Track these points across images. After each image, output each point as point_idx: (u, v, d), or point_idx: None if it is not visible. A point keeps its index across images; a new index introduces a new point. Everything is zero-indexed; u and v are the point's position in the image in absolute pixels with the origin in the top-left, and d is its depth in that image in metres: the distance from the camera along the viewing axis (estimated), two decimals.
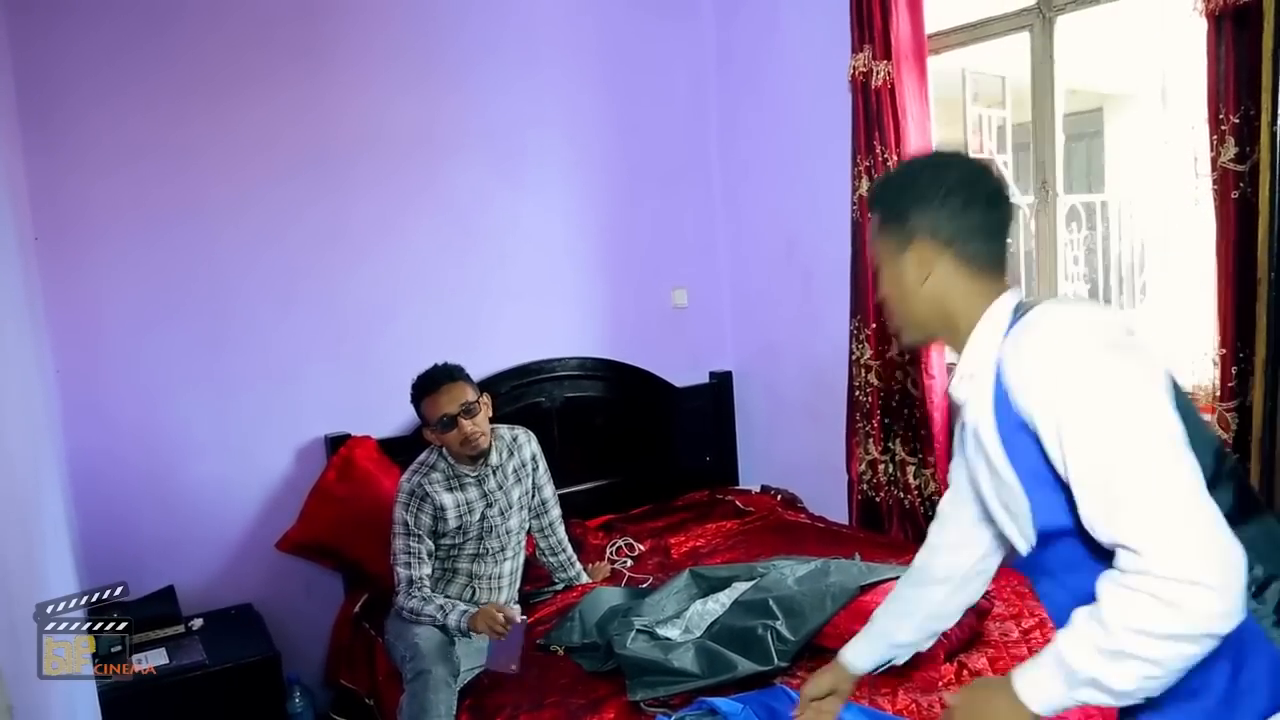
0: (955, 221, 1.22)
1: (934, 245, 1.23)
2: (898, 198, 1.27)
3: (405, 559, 2.49)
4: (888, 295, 1.32)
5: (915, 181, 1.26)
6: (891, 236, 1.27)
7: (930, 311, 1.26)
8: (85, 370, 2.73)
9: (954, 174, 1.24)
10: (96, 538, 2.71)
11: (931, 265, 1.23)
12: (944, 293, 1.24)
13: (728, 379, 3.91)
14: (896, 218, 1.26)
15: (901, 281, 1.27)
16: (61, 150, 2.67)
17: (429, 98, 3.23)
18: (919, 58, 2.98)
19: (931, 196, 1.22)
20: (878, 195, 1.33)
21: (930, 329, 1.29)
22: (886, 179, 1.35)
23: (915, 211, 1.23)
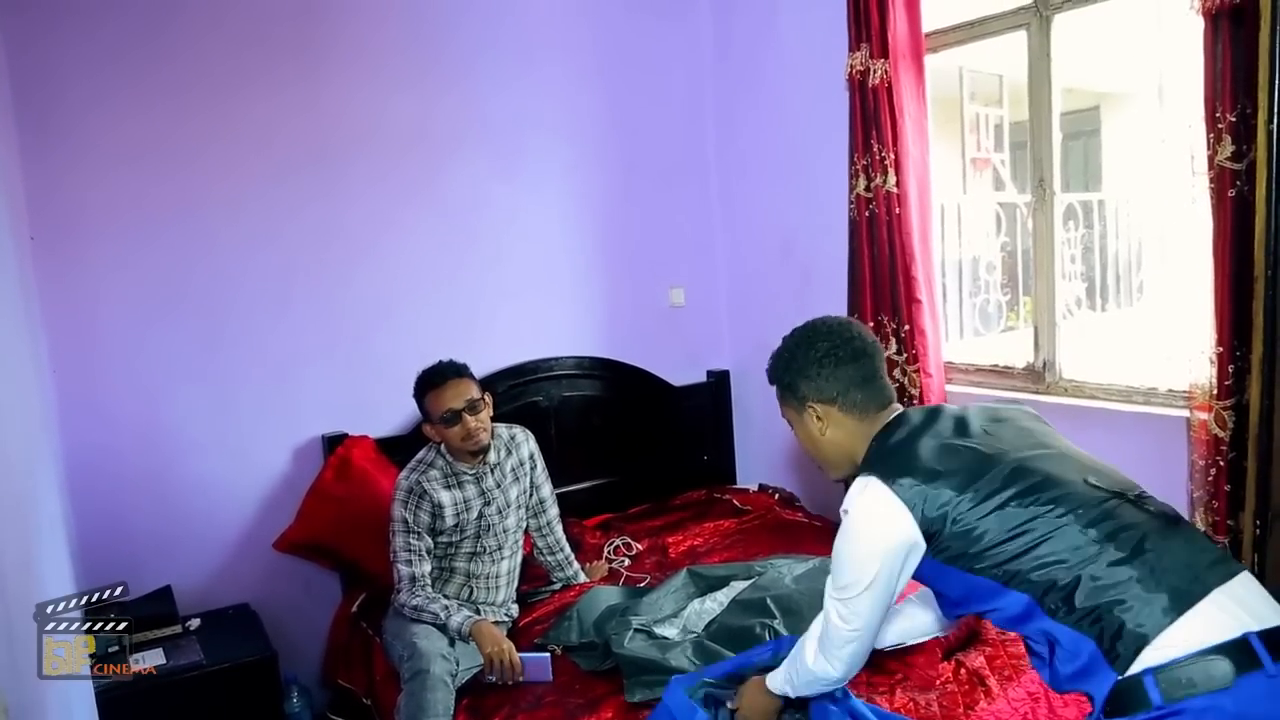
0: (833, 381, 1.56)
1: (822, 404, 1.57)
2: (784, 373, 1.62)
3: (406, 556, 2.49)
4: (805, 447, 1.66)
5: (794, 359, 1.60)
6: (791, 403, 1.62)
7: (837, 453, 1.60)
8: (82, 369, 2.73)
9: (823, 344, 1.58)
10: (93, 537, 2.71)
11: (827, 419, 1.58)
12: (841, 436, 1.58)
13: (725, 378, 3.91)
14: (789, 389, 1.62)
15: (810, 435, 1.61)
16: (58, 149, 2.66)
17: (426, 96, 3.23)
18: (916, 56, 2.98)
19: (809, 366, 1.58)
20: (771, 372, 1.67)
21: (843, 465, 1.60)
22: (774, 360, 1.66)
23: (802, 381, 1.58)
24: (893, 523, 1.41)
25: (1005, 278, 3.92)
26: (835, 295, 3.28)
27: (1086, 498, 1.36)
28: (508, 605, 2.68)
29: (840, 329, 1.60)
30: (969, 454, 1.43)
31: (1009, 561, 1.34)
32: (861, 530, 1.46)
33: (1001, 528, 1.35)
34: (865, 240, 3.10)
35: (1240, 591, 1.26)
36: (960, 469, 1.41)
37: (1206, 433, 2.27)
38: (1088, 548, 1.30)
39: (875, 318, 3.11)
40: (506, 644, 2.32)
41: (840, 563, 1.50)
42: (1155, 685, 1.20)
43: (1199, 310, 2.28)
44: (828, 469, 1.65)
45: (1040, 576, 1.32)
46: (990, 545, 1.36)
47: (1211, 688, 1.17)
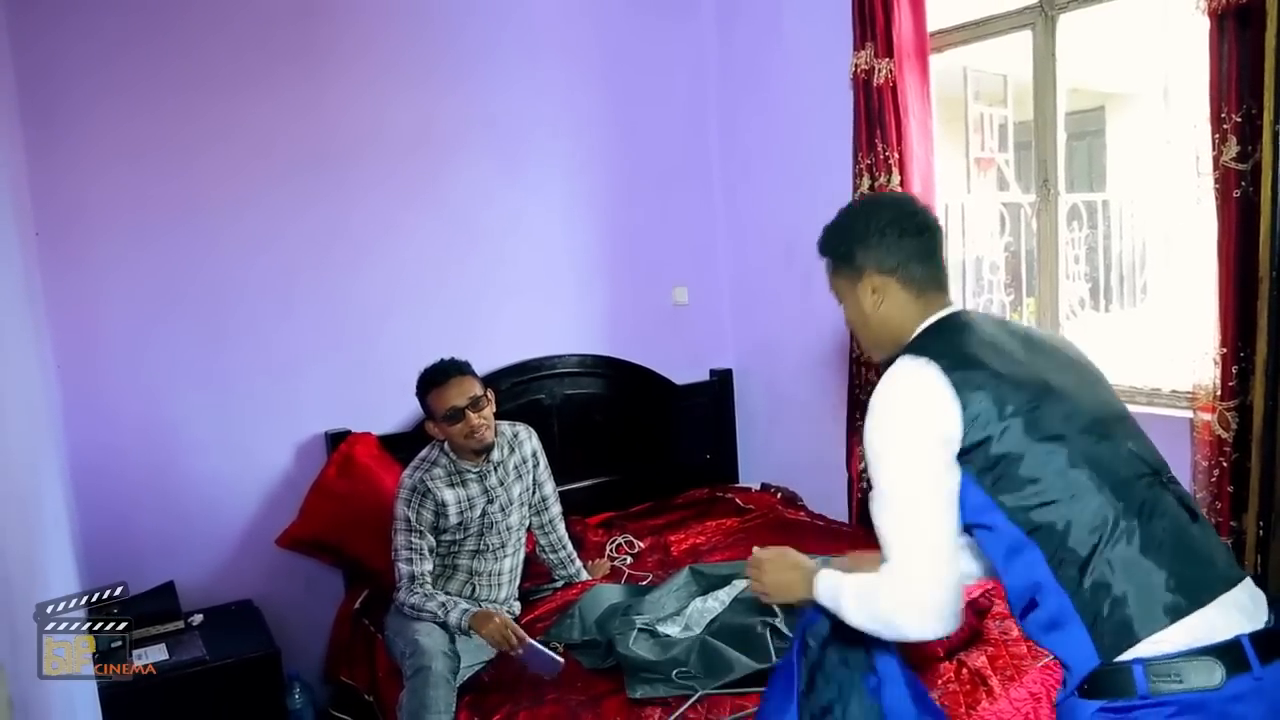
0: (895, 252, 1.46)
1: (881, 275, 1.46)
2: (841, 242, 1.51)
3: (407, 555, 2.49)
4: (852, 323, 1.56)
5: (854, 225, 1.50)
6: (845, 274, 1.51)
7: (886, 331, 1.49)
8: (86, 366, 2.73)
9: (886, 213, 1.48)
10: (97, 534, 2.71)
11: (882, 292, 1.47)
12: (894, 313, 1.47)
13: (728, 376, 3.91)
14: (845, 258, 1.50)
15: (861, 310, 1.50)
16: (63, 147, 2.67)
17: (429, 97, 3.23)
18: (921, 56, 2.98)
19: (871, 234, 1.47)
20: (825, 243, 1.55)
21: (889, 346, 1.49)
22: (830, 228, 1.55)
23: (861, 249, 1.48)
24: (935, 406, 1.30)
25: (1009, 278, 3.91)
26: None
27: (1127, 470, 1.30)
28: (510, 603, 2.68)
29: (905, 201, 1.53)
30: (1034, 380, 1.33)
31: (1036, 508, 1.26)
32: (898, 408, 1.34)
33: (1043, 469, 1.26)
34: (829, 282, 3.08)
35: (1243, 597, 1.25)
36: (1023, 387, 1.31)
37: (1210, 434, 2.27)
38: (1115, 524, 1.25)
39: None
40: (500, 618, 2.33)
41: (876, 458, 1.34)
42: (1144, 675, 1.19)
43: (1203, 311, 2.28)
44: (872, 348, 1.55)
45: (1059, 533, 1.25)
46: (1025, 482, 1.27)
47: (1199, 686, 1.17)
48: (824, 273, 1.61)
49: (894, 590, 1.30)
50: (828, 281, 1.57)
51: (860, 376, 3.21)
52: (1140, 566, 1.23)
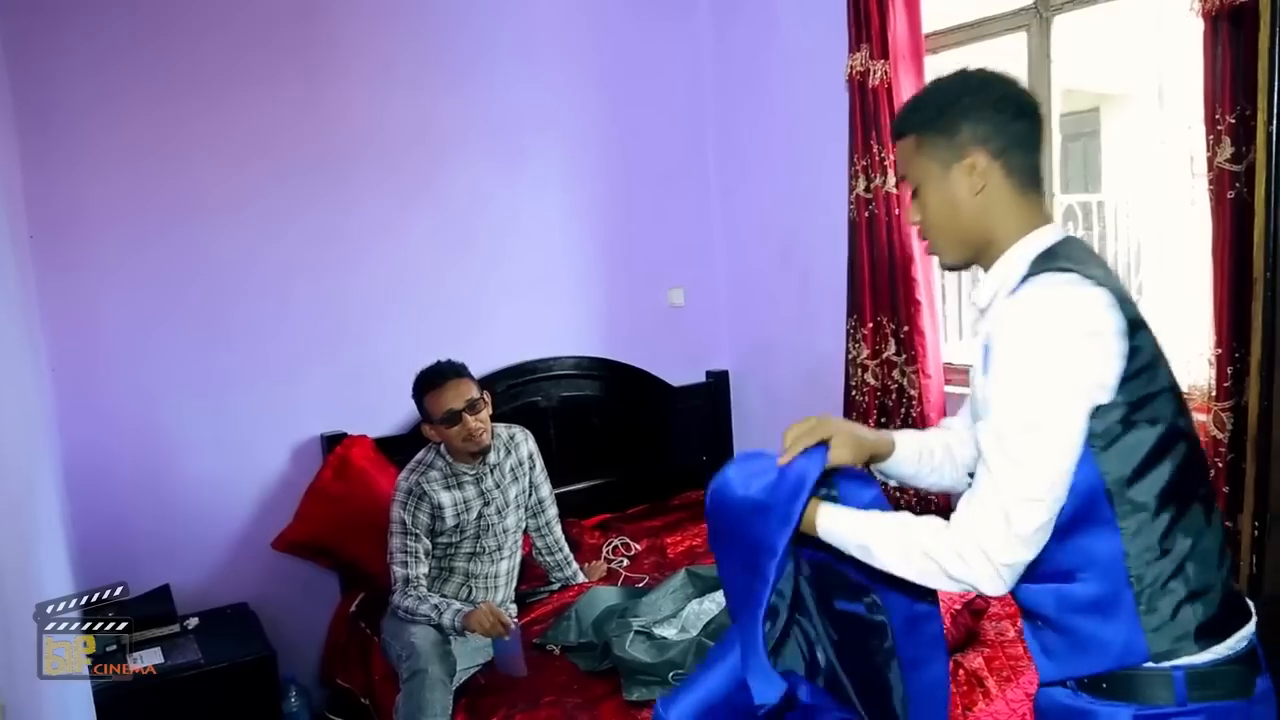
0: (1005, 132, 1.23)
1: (987, 155, 1.24)
2: (944, 112, 1.25)
3: (402, 558, 2.49)
4: (933, 215, 1.29)
5: (961, 96, 1.25)
6: (939, 151, 1.26)
7: (977, 227, 1.27)
8: (81, 369, 2.73)
9: (997, 87, 1.26)
10: (92, 536, 2.71)
11: (986, 176, 1.24)
12: (993, 205, 1.25)
13: (724, 378, 3.91)
14: (945, 131, 1.25)
15: (952, 197, 1.26)
16: (58, 149, 2.66)
17: (427, 98, 3.23)
18: (916, 57, 2.98)
19: (982, 108, 1.23)
20: (914, 115, 1.30)
21: (973, 248, 1.29)
22: (925, 98, 1.31)
23: (967, 123, 1.24)
24: (1104, 342, 1.11)
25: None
26: (835, 295, 3.28)
27: (1200, 461, 1.20)
28: (506, 605, 2.68)
29: (1013, 79, 1.29)
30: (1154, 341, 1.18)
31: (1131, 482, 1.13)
32: (1066, 331, 1.10)
33: (1145, 442, 1.13)
34: (865, 241, 3.10)
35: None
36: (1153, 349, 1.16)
37: (1205, 434, 2.27)
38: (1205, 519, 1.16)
39: (874, 319, 3.11)
40: (485, 604, 2.37)
41: (1020, 386, 1.12)
42: (1184, 683, 1.12)
43: (1198, 312, 2.28)
44: (950, 246, 1.30)
45: (1149, 520, 1.12)
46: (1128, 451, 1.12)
47: (1233, 695, 1.14)
48: (822, 270, 1.48)
49: (988, 533, 1.11)
50: (902, 166, 1.34)
51: (856, 378, 3.21)
52: (1212, 569, 1.15)
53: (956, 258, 1.32)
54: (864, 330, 3.15)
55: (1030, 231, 1.24)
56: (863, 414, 3.20)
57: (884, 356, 3.12)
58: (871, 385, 3.16)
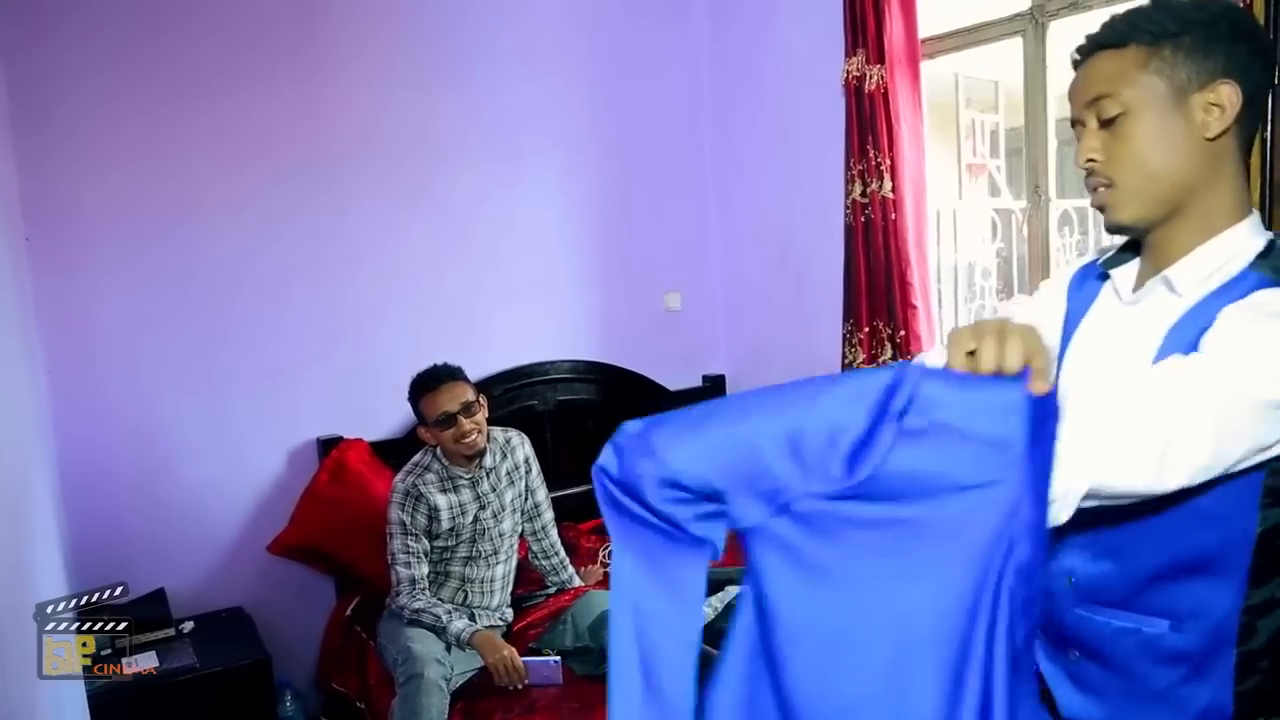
0: (1259, 80, 1.02)
1: (1237, 91, 1.00)
2: (1201, 28, 1.01)
3: (405, 559, 2.48)
4: (1141, 151, 1.03)
5: (1223, 18, 1.01)
6: (1181, 70, 1.00)
7: (1190, 181, 1.02)
8: (77, 371, 2.72)
9: (1260, 33, 1.06)
10: (87, 539, 2.70)
11: (1229, 116, 1.00)
12: (1219, 160, 1.02)
13: (720, 382, 3.91)
14: (1195, 49, 1.00)
15: (1176, 133, 1.01)
16: (54, 150, 2.66)
17: (424, 100, 3.23)
18: (912, 62, 2.99)
19: (1239, 42, 1.01)
20: (1152, 20, 1.02)
21: (1169, 208, 1.04)
22: (1162, 10, 1.03)
23: (1222, 50, 1.00)
24: None
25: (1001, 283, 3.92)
26: (831, 300, 3.28)
27: None
28: (503, 609, 2.67)
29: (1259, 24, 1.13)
30: None
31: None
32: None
33: None
34: (861, 245, 3.10)
35: None
36: None
37: None
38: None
39: (870, 323, 3.12)
40: (508, 650, 2.33)
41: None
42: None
43: None
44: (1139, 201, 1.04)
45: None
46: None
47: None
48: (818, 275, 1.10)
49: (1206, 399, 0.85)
50: (1106, 83, 1.04)
51: None
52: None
53: (1140, 215, 1.05)
54: (860, 335, 3.16)
55: (1248, 215, 1.04)
56: None
57: (880, 361, 3.12)
58: None
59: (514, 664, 2.30)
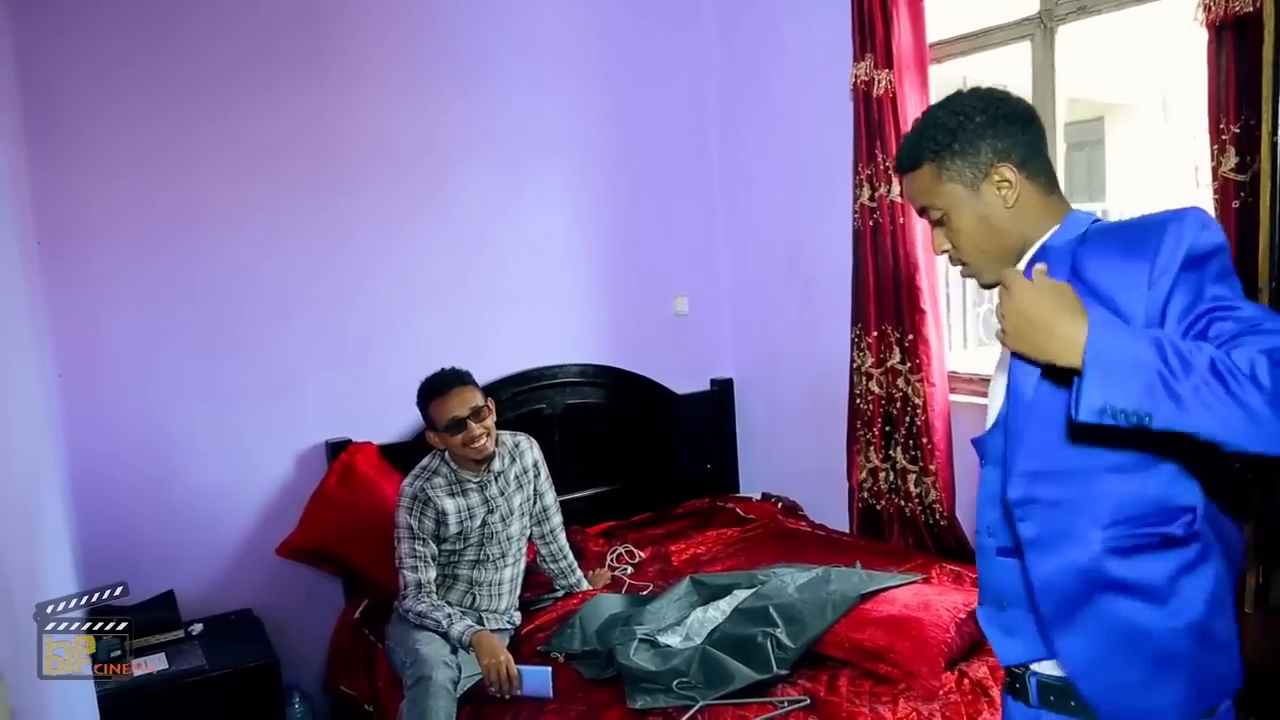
0: (1021, 143, 1.27)
1: (1011, 167, 1.26)
2: (958, 135, 1.27)
3: (412, 562, 2.49)
4: (970, 237, 1.29)
5: (970, 115, 1.27)
6: (964, 173, 1.27)
7: (1016, 235, 1.28)
8: (87, 375, 2.74)
9: (1002, 103, 1.29)
10: (97, 542, 2.71)
11: (1016, 187, 1.26)
12: (1026, 210, 1.27)
13: (728, 386, 3.91)
14: (964, 153, 1.27)
15: (986, 214, 1.28)
16: (65, 157, 2.68)
17: (432, 107, 3.24)
18: (920, 67, 2.99)
19: (994, 124, 1.26)
20: (926, 144, 1.29)
21: (1014, 255, 1.28)
22: (932, 126, 1.30)
23: (985, 141, 1.26)
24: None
25: None
26: (839, 304, 3.28)
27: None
28: (510, 613, 2.67)
29: (1005, 90, 1.33)
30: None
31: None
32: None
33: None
34: (869, 250, 3.10)
35: None
36: None
37: None
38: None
39: (879, 327, 3.12)
40: (505, 655, 2.32)
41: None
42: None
43: None
44: (992, 262, 1.29)
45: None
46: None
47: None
48: (826, 279, 1.48)
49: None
50: (921, 197, 1.33)
51: (861, 386, 3.21)
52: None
53: (994, 274, 1.29)
54: (868, 339, 3.16)
55: (1064, 218, 1.28)
56: (867, 422, 3.20)
57: (889, 365, 3.12)
58: (876, 394, 3.16)
59: (508, 671, 2.28)
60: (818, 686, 2.18)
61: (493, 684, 2.28)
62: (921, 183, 1.31)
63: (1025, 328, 1.10)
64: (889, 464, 3.18)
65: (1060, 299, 1.08)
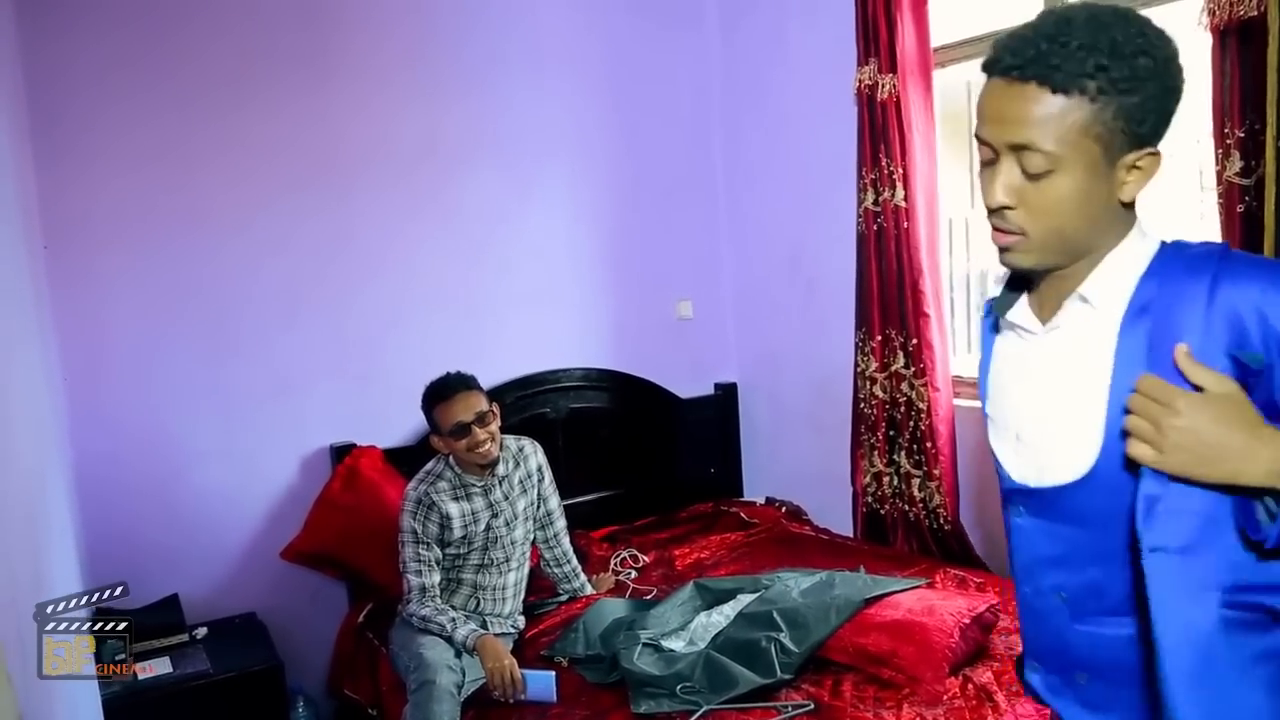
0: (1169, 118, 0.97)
1: (1159, 162, 0.97)
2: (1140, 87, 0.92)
3: (416, 567, 2.49)
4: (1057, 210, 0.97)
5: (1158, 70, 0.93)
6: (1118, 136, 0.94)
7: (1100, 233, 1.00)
8: (92, 378, 2.74)
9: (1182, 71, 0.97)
10: (102, 546, 2.72)
11: (1148, 182, 0.99)
12: (1119, 211, 0.99)
13: (732, 390, 3.91)
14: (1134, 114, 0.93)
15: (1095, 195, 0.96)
16: (70, 160, 2.69)
17: (435, 109, 3.25)
18: (924, 71, 2.99)
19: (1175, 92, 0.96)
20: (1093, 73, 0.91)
21: (1074, 256, 1.01)
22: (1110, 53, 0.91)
23: (1162, 109, 0.95)
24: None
25: None
26: (843, 308, 3.28)
27: None
28: (514, 617, 2.67)
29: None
30: None
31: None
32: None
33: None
34: (873, 254, 3.10)
35: None
36: None
37: None
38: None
39: (883, 331, 3.12)
40: (509, 660, 2.32)
41: None
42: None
43: None
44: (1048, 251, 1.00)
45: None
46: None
47: None
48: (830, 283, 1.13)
49: None
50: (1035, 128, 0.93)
51: (864, 390, 3.21)
52: None
53: (1043, 264, 1.02)
54: (872, 343, 3.15)
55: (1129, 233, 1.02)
56: (871, 426, 3.20)
57: (892, 369, 3.12)
58: (880, 398, 3.16)
59: (513, 675, 2.28)
60: (822, 691, 2.18)
61: (497, 688, 2.28)
62: (1053, 114, 0.93)
63: (1200, 448, 0.86)
64: (893, 468, 3.18)
65: (1244, 411, 0.87)
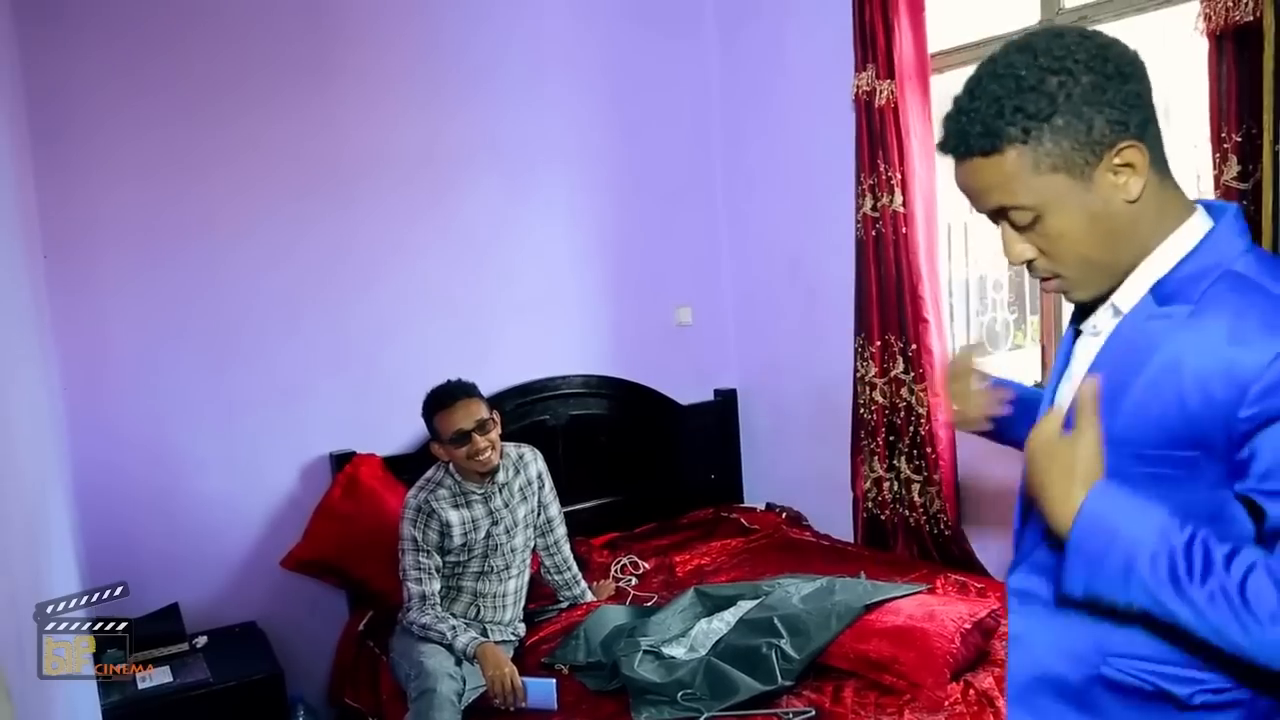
0: (1139, 109, 0.93)
1: (1136, 146, 0.92)
2: (1060, 101, 0.91)
3: (416, 574, 2.49)
4: (1073, 243, 0.96)
5: (1076, 75, 0.91)
6: (1072, 155, 0.92)
7: (1134, 239, 0.95)
8: (92, 387, 2.75)
9: (1113, 50, 0.94)
10: (102, 554, 2.71)
11: (1137, 171, 0.93)
12: (1147, 207, 0.94)
13: (732, 396, 3.91)
14: (1070, 128, 0.91)
15: (1102, 210, 0.94)
16: (70, 168, 2.69)
17: (436, 117, 3.26)
18: (922, 77, 3.00)
19: (1108, 82, 0.91)
20: (1011, 118, 0.92)
21: (1126, 269, 0.97)
22: (1016, 92, 0.93)
23: (1099, 109, 0.91)
24: None
25: (1012, 296, 3.91)
26: (842, 314, 3.28)
27: None
28: (515, 624, 2.67)
29: (1103, 34, 0.97)
30: None
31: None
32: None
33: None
34: (872, 259, 3.11)
35: None
36: None
37: None
38: None
39: (882, 336, 3.12)
40: (509, 667, 2.32)
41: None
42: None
43: None
44: (1097, 278, 0.99)
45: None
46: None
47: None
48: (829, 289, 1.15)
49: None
50: (1001, 192, 0.96)
51: (864, 396, 3.21)
52: None
53: (1099, 289, 1.00)
54: (872, 348, 3.16)
55: (1191, 212, 0.97)
56: (871, 432, 3.20)
57: (892, 375, 3.12)
58: (880, 403, 3.16)
59: (513, 683, 2.28)
60: (823, 698, 2.18)
61: (497, 696, 2.28)
62: (1002, 173, 0.94)
63: (1032, 473, 0.97)
64: (893, 474, 3.18)
65: (1069, 460, 0.93)
